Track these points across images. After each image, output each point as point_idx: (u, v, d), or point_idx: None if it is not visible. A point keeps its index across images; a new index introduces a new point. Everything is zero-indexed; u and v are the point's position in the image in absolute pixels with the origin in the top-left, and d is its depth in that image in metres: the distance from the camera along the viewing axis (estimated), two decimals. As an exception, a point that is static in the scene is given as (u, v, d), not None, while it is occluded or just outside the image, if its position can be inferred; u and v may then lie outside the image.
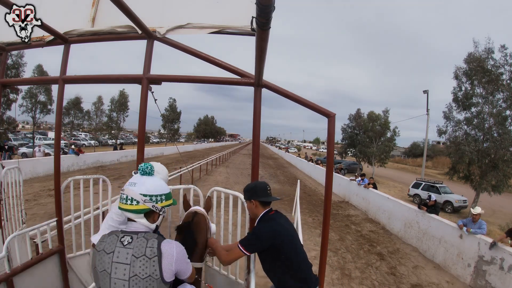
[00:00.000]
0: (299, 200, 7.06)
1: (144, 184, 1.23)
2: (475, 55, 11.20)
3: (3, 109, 15.28)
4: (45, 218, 6.11)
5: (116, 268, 1.12)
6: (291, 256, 1.80)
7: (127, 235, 1.18)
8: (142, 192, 1.21)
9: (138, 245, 1.14)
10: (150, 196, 1.22)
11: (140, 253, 1.12)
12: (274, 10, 1.05)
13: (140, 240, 1.15)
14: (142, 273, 1.10)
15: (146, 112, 2.33)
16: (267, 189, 1.91)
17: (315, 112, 2.12)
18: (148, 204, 1.21)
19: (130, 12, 1.80)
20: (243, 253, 1.77)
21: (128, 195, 1.20)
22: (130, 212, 1.20)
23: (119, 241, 1.16)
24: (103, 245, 1.17)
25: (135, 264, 1.11)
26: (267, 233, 1.76)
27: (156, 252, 1.13)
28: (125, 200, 1.20)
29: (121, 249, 1.14)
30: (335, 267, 5.50)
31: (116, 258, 1.13)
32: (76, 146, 19.54)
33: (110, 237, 1.19)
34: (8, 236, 2.12)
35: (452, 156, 12.05)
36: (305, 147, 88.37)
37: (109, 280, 1.12)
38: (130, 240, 1.16)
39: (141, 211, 1.21)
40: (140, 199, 1.20)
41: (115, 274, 1.11)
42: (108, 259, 1.13)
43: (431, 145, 38.32)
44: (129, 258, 1.12)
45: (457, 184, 15.31)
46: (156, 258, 1.12)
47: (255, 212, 1.91)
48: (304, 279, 1.82)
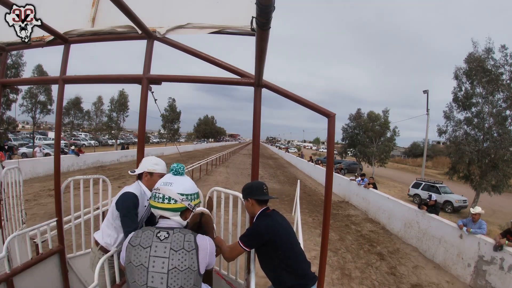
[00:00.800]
0: (299, 200, 7.06)
1: (181, 183, 1.29)
2: (475, 55, 11.20)
3: (3, 109, 15.29)
4: (45, 218, 6.11)
5: (154, 262, 1.15)
6: (288, 252, 1.84)
7: (163, 230, 1.22)
8: (180, 192, 1.26)
9: (176, 239, 1.19)
10: (186, 195, 1.28)
11: (179, 247, 1.17)
12: (274, 10, 1.06)
13: (178, 235, 1.20)
14: (181, 265, 1.15)
15: (146, 112, 2.33)
16: (263, 188, 1.96)
17: (315, 112, 2.11)
18: (185, 203, 1.27)
19: (130, 12, 1.80)
20: (243, 249, 1.83)
21: (166, 194, 1.25)
22: (168, 210, 1.25)
23: (155, 236, 1.20)
24: (138, 240, 1.21)
25: (174, 257, 1.16)
26: (263, 228, 1.83)
27: (194, 245, 1.19)
28: (162, 199, 1.25)
29: (158, 244, 1.18)
30: (335, 267, 5.50)
31: (154, 252, 1.17)
32: (76, 146, 19.54)
33: (145, 233, 1.23)
34: (8, 236, 2.12)
35: (452, 156, 12.05)
36: (305, 147, 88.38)
37: (147, 273, 1.15)
38: (166, 235, 1.20)
39: (179, 210, 1.26)
40: (178, 198, 1.25)
41: (153, 267, 1.15)
42: (145, 253, 1.17)
43: (431, 145, 38.32)
44: (167, 251, 1.16)
45: (457, 184, 15.31)
46: (194, 251, 1.18)
47: (252, 211, 1.98)
48: (301, 276, 1.85)
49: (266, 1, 0.99)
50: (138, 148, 2.34)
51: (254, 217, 1.97)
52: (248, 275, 2.14)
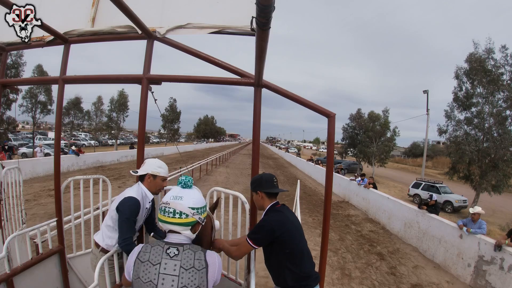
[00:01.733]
0: (299, 200, 7.05)
1: (191, 197, 1.27)
2: (476, 55, 11.21)
3: (3, 109, 15.29)
4: (45, 218, 6.11)
5: (163, 279, 1.13)
6: (295, 251, 1.79)
7: (173, 246, 1.20)
8: (190, 206, 1.24)
9: (186, 257, 1.17)
10: (197, 209, 1.26)
11: (189, 265, 1.15)
12: (274, 10, 1.05)
13: (188, 252, 1.18)
14: (191, 284, 1.13)
15: (146, 112, 2.33)
16: (273, 180, 1.88)
17: (315, 112, 2.11)
18: (196, 217, 1.25)
19: (130, 12, 1.80)
20: (252, 246, 1.76)
21: (176, 209, 1.22)
22: (179, 225, 1.22)
23: (165, 253, 1.18)
24: (147, 256, 1.18)
25: (184, 275, 1.14)
26: (274, 224, 1.75)
27: (204, 264, 1.17)
28: (173, 214, 1.22)
29: (168, 261, 1.16)
30: (335, 267, 5.50)
31: (163, 270, 1.14)
32: (76, 146, 19.53)
33: (154, 248, 1.20)
34: (8, 236, 2.12)
35: (452, 156, 12.07)
36: (305, 147, 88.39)
37: None
38: (176, 252, 1.18)
39: (190, 224, 1.24)
40: (189, 213, 1.23)
41: (162, 285, 1.13)
42: (154, 270, 1.15)
43: (431, 145, 38.34)
44: (177, 269, 1.14)
45: (457, 184, 15.32)
46: (204, 270, 1.16)
47: (261, 204, 1.90)
48: (304, 277, 1.80)
49: (266, 1, 0.99)
50: (138, 148, 2.34)
51: (262, 210, 1.91)
52: (248, 275, 2.14)
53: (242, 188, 11.72)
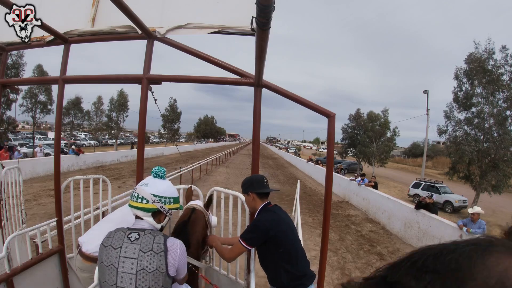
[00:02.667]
0: (299, 200, 7.05)
1: (156, 185, 1.31)
2: (476, 56, 11.21)
3: (3, 109, 15.29)
4: (45, 218, 6.10)
5: (123, 263, 1.17)
6: (289, 250, 1.79)
7: (134, 231, 1.24)
8: (153, 192, 1.29)
9: (145, 241, 1.20)
10: (159, 197, 1.29)
11: (148, 248, 1.18)
12: (274, 10, 1.06)
13: (147, 237, 1.21)
14: (149, 267, 1.16)
15: (146, 112, 2.33)
16: (263, 180, 1.90)
17: (315, 112, 2.11)
18: (156, 204, 1.28)
19: (130, 12, 1.80)
20: (245, 247, 1.74)
21: (140, 194, 1.28)
22: (139, 209, 1.27)
23: (126, 237, 1.22)
24: (110, 241, 1.23)
25: (143, 258, 1.17)
26: (267, 224, 1.75)
27: (163, 247, 1.20)
28: (136, 198, 1.28)
29: (128, 245, 1.20)
30: (335, 267, 5.50)
31: (123, 253, 1.18)
32: (76, 146, 19.54)
33: (117, 233, 1.24)
34: (8, 236, 2.12)
35: (452, 156, 12.07)
36: (305, 147, 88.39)
37: (116, 274, 1.17)
38: (137, 236, 1.22)
39: (149, 210, 1.28)
40: (150, 199, 1.27)
41: (122, 268, 1.17)
42: (115, 253, 1.19)
43: (431, 145, 38.34)
44: (136, 253, 1.18)
45: (457, 184, 15.31)
46: (162, 253, 1.19)
47: (253, 205, 1.90)
48: (299, 276, 1.80)
49: (266, 1, 0.99)
50: (138, 148, 2.34)
51: (255, 212, 1.90)
52: (248, 275, 2.14)
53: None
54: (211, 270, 2.61)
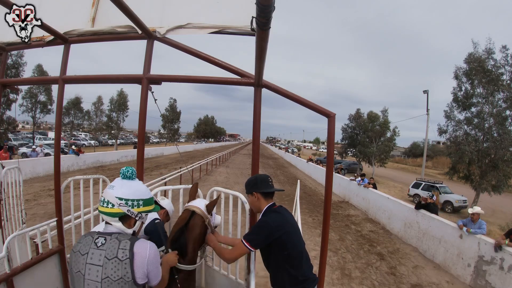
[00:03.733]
0: (299, 200, 7.04)
1: (122, 187, 1.21)
2: (476, 56, 11.21)
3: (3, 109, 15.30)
4: (45, 218, 6.10)
5: (89, 270, 1.12)
6: (294, 253, 1.74)
7: (101, 236, 1.18)
8: (118, 196, 1.19)
9: (111, 246, 1.14)
10: (126, 200, 1.20)
11: (112, 255, 1.12)
12: (274, 10, 1.05)
13: (113, 242, 1.15)
14: (114, 275, 1.11)
15: (146, 112, 2.33)
16: (268, 180, 1.84)
17: (315, 112, 2.11)
18: (123, 208, 1.19)
19: (130, 12, 1.80)
20: (248, 249, 1.67)
21: (105, 198, 1.19)
22: (106, 214, 1.19)
23: (93, 242, 1.16)
24: (79, 246, 1.17)
25: (107, 266, 1.11)
26: (273, 226, 1.69)
27: (128, 254, 1.13)
28: (102, 203, 1.20)
29: (95, 251, 1.14)
30: (335, 267, 5.50)
31: (90, 260, 1.13)
32: (76, 146, 19.54)
33: (86, 238, 1.19)
34: (8, 236, 2.11)
35: (452, 156, 12.07)
36: (305, 147, 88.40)
37: (83, 281, 1.12)
38: (103, 241, 1.15)
39: (115, 215, 1.19)
40: (115, 202, 1.18)
41: (88, 275, 1.12)
42: (82, 260, 1.14)
43: (431, 145, 38.34)
44: (101, 259, 1.12)
45: (457, 184, 15.32)
46: (128, 260, 1.12)
47: (258, 206, 1.84)
48: (302, 281, 1.76)
49: (266, 1, 0.99)
50: (138, 148, 2.34)
51: (259, 212, 1.85)
52: (248, 275, 2.14)
53: (242, 188, 11.58)
54: (211, 270, 2.61)
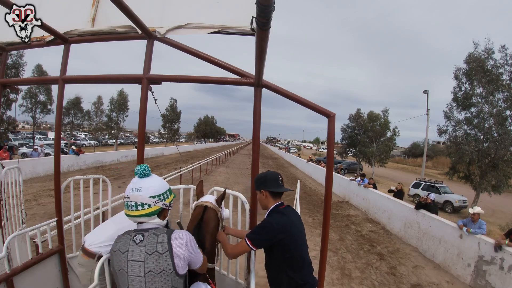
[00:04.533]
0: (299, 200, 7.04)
1: (150, 186, 1.26)
2: (475, 56, 11.21)
3: (3, 109, 15.30)
4: (45, 218, 6.11)
5: (131, 266, 1.18)
6: (296, 257, 1.72)
7: (139, 233, 1.23)
8: (150, 195, 1.24)
9: (150, 242, 1.19)
10: (158, 196, 1.26)
11: (152, 250, 1.17)
12: (274, 10, 1.05)
13: (151, 237, 1.20)
14: (156, 268, 1.16)
15: (146, 112, 2.33)
16: (278, 179, 1.81)
17: (315, 112, 2.11)
18: (159, 204, 1.26)
19: (130, 12, 1.80)
20: (249, 247, 1.66)
21: (137, 201, 1.23)
22: (143, 216, 1.24)
23: (132, 240, 1.22)
24: (118, 245, 1.23)
25: (149, 260, 1.17)
26: (276, 227, 1.66)
27: (167, 246, 1.18)
28: (135, 207, 1.23)
29: (134, 248, 1.20)
30: (335, 267, 5.50)
31: (130, 257, 1.19)
32: (76, 146, 19.54)
33: (124, 237, 1.25)
34: (8, 236, 2.11)
35: (452, 156, 12.06)
36: (305, 147, 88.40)
37: (127, 277, 1.19)
38: (141, 238, 1.21)
39: (154, 213, 1.25)
40: (150, 202, 1.23)
41: (131, 271, 1.18)
42: (124, 258, 1.20)
43: (431, 145, 38.35)
44: (142, 255, 1.18)
45: (457, 184, 15.31)
46: (167, 253, 1.18)
47: (265, 204, 1.83)
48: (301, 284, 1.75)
49: (266, 1, 0.99)
50: (138, 148, 2.34)
51: (266, 210, 1.83)
52: (248, 275, 2.14)
53: (242, 188, 11.71)
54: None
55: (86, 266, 1.70)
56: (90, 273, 1.65)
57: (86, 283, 1.72)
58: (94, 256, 1.68)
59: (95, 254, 1.67)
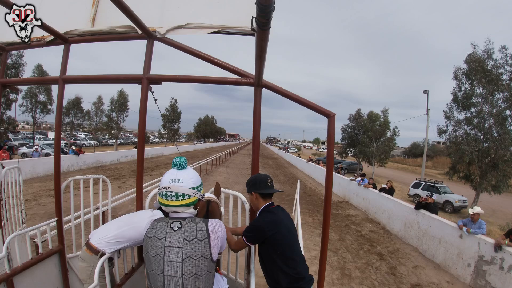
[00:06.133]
0: (299, 200, 7.05)
1: (189, 178, 1.33)
2: (475, 56, 11.21)
3: (3, 109, 15.30)
4: (45, 218, 6.11)
5: (169, 252, 1.22)
6: (287, 252, 1.80)
7: (176, 221, 1.28)
8: (191, 186, 1.32)
9: (189, 229, 1.25)
10: (196, 188, 1.34)
11: (192, 237, 1.23)
12: (274, 10, 1.05)
13: (190, 225, 1.26)
14: (195, 254, 1.21)
15: (146, 112, 2.33)
16: (267, 181, 1.90)
17: (315, 112, 2.11)
18: (197, 195, 1.34)
19: (130, 12, 1.80)
20: (246, 244, 1.82)
21: (178, 192, 1.29)
22: (183, 206, 1.30)
23: (169, 227, 1.26)
24: (154, 232, 1.27)
25: (188, 246, 1.22)
26: (265, 225, 1.79)
27: (206, 234, 1.25)
28: (175, 197, 1.29)
29: (172, 234, 1.24)
30: (335, 267, 5.50)
31: (168, 243, 1.23)
32: (76, 146, 19.54)
33: (160, 224, 1.29)
34: (8, 236, 2.11)
35: (452, 156, 12.07)
36: (305, 147, 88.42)
37: (163, 263, 1.22)
38: (179, 225, 1.26)
39: (192, 203, 1.33)
40: (191, 193, 1.31)
41: (168, 257, 1.22)
42: (161, 244, 1.23)
43: (431, 145, 38.36)
44: (181, 242, 1.22)
45: (457, 184, 15.31)
46: (206, 240, 1.24)
47: (256, 205, 1.93)
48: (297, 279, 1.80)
49: (266, 1, 0.99)
50: (138, 148, 2.34)
51: (257, 211, 1.93)
52: (248, 275, 2.14)
53: (242, 188, 11.72)
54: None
55: (87, 261, 1.73)
56: (90, 268, 1.68)
57: (84, 278, 1.75)
58: (98, 253, 1.70)
59: (99, 250, 1.70)
